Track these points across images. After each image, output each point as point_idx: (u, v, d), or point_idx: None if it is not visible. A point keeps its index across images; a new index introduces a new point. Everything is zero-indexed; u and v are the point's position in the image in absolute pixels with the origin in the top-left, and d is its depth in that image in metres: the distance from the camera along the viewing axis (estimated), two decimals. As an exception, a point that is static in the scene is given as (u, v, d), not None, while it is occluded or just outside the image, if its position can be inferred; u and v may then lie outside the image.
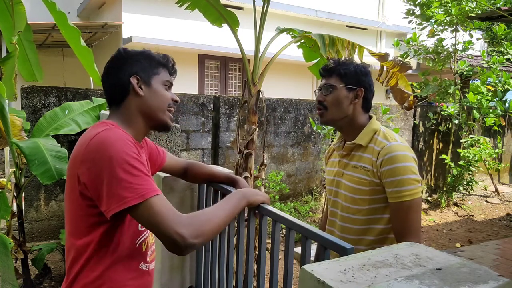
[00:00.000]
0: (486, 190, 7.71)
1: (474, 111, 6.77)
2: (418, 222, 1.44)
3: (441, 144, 7.23)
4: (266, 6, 2.93)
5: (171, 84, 1.29)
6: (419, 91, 8.23)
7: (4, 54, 6.84)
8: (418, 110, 6.89)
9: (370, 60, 3.29)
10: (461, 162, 6.50)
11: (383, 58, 2.98)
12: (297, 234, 1.26)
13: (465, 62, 6.92)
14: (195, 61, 8.68)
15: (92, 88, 5.94)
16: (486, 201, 7.04)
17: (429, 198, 6.91)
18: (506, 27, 7.83)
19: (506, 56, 7.47)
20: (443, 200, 6.54)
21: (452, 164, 6.55)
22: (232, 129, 5.14)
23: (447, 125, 7.07)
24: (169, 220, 1.01)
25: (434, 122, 6.94)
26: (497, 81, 7.15)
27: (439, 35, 7.27)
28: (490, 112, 6.83)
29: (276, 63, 2.98)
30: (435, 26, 7.29)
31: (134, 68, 1.21)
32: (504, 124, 7.65)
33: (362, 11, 10.34)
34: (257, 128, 2.97)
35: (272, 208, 1.34)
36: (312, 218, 5.42)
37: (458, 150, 6.71)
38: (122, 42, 7.67)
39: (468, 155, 6.39)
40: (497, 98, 7.35)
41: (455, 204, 6.65)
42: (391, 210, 1.46)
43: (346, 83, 1.53)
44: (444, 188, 6.92)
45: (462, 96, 7.21)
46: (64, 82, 8.67)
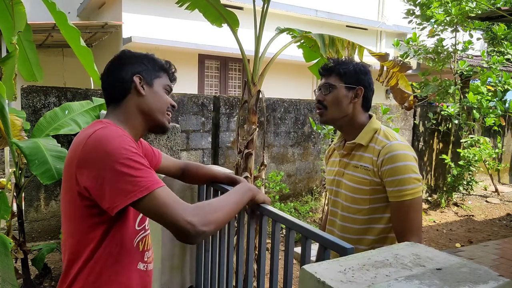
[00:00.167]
0: (486, 190, 7.71)
1: (474, 111, 6.77)
2: (419, 221, 1.43)
3: (441, 144, 7.23)
4: (266, 6, 2.93)
5: (171, 89, 1.30)
6: (419, 91, 8.22)
7: (4, 54, 6.83)
8: (418, 110, 6.89)
9: (370, 60, 3.28)
10: (461, 162, 6.50)
11: (383, 58, 2.98)
12: (297, 234, 1.26)
13: (465, 62, 6.91)
14: (195, 61, 8.68)
15: (92, 88, 5.93)
16: (486, 201, 7.04)
17: (429, 198, 6.91)
18: (506, 27, 7.83)
19: (506, 56, 7.46)
20: (443, 200, 6.54)
21: (452, 164, 6.55)
22: (232, 129, 5.14)
23: (447, 125, 7.07)
24: (177, 209, 1.01)
25: (434, 122, 6.94)
26: (497, 81, 7.14)
27: (439, 35, 7.27)
28: (490, 112, 6.82)
29: (276, 63, 2.98)
30: (435, 26, 7.29)
31: (137, 68, 1.23)
32: (504, 124, 7.65)
33: (362, 11, 10.34)
34: (257, 128, 2.97)
35: (272, 208, 1.34)
36: (312, 218, 5.42)
37: (458, 150, 6.70)
38: (122, 42, 7.66)
39: (468, 155, 6.38)
40: (497, 98, 7.35)
41: (455, 204, 6.65)
42: (391, 209, 1.46)
43: (345, 82, 1.53)
44: (444, 188, 6.92)
45: (462, 96, 7.20)
46: (64, 82, 8.67)
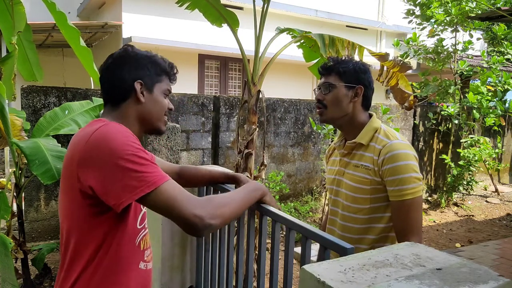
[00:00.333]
0: (486, 190, 7.71)
1: (474, 111, 6.77)
2: (419, 221, 1.43)
3: (441, 144, 7.23)
4: (266, 6, 2.93)
5: (170, 92, 1.29)
6: (419, 91, 8.22)
7: (4, 54, 6.83)
8: (418, 110, 6.89)
9: (370, 60, 3.27)
10: (461, 162, 6.50)
11: (383, 58, 2.98)
12: (297, 234, 1.26)
13: (465, 62, 6.91)
14: (195, 61, 8.68)
15: (92, 88, 5.93)
16: (486, 201, 7.04)
17: (429, 198, 6.91)
18: (506, 27, 7.83)
19: (506, 56, 7.46)
20: (443, 200, 6.53)
21: (452, 164, 6.55)
22: (232, 129, 5.14)
23: (447, 125, 7.07)
24: (184, 202, 1.02)
25: (434, 122, 6.94)
26: (497, 81, 7.14)
27: (439, 35, 7.26)
28: (490, 112, 6.82)
29: (276, 63, 2.98)
30: (435, 26, 7.29)
31: (139, 72, 1.20)
32: (504, 124, 7.65)
33: (362, 11, 10.34)
34: (257, 128, 2.97)
35: (272, 208, 1.34)
36: (312, 218, 5.41)
37: (458, 150, 6.70)
38: (122, 42, 7.66)
39: (468, 155, 6.38)
40: (497, 98, 7.35)
41: (455, 204, 6.65)
42: (392, 208, 1.45)
43: (345, 81, 1.53)
44: (444, 188, 6.92)
45: (462, 96, 7.20)
46: (64, 82, 8.66)
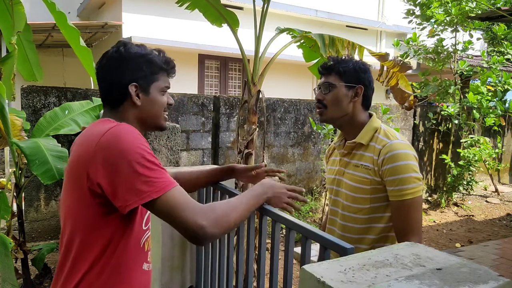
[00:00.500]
0: (486, 190, 7.71)
1: (474, 111, 6.77)
2: (419, 221, 1.43)
3: (441, 144, 7.22)
4: (266, 6, 2.93)
5: (168, 88, 1.27)
6: (419, 91, 8.22)
7: (4, 54, 6.83)
8: (418, 110, 6.89)
9: (370, 60, 3.26)
10: (461, 162, 6.49)
11: (383, 58, 2.98)
12: (297, 234, 1.26)
13: (465, 62, 6.91)
14: (195, 61, 8.68)
15: (92, 88, 5.93)
16: (486, 201, 7.04)
17: (429, 198, 6.91)
18: (506, 27, 7.82)
19: (506, 56, 7.45)
20: (443, 200, 6.53)
21: (452, 164, 6.54)
22: (232, 129, 5.14)
23: (447, 125, 7.07)
24: (188, 211, 1.03)
25: (434, 122, 6.94)
26: (497, 81, 7.14)
27: (439, 35, 7.26)
28: (490, 112, 6.82)
29: (276, 63, 2.98)
30: (435, 26, 7.28)
31: (134, 74, 1.18)
32: (504, 124, 7.65)
33: (362, 11, 10.34)
34: (257, 128, 2.97)
35: (272, 208, 1.34)
36: (312, 218, 5.41)
37: (458, 150, 6.70)
38: (122, 42, 7.66)
39: (468, 155, 6.38)
40: (497, 98, 7.34)
41: (455, 204, 6.65)
42: (392, 208, 1.45)
43: (345, 81, 1.53)
44: (444, 188, 6.92)
45: (462, 96, 7.20)
46: (64, 82, 8.67)
